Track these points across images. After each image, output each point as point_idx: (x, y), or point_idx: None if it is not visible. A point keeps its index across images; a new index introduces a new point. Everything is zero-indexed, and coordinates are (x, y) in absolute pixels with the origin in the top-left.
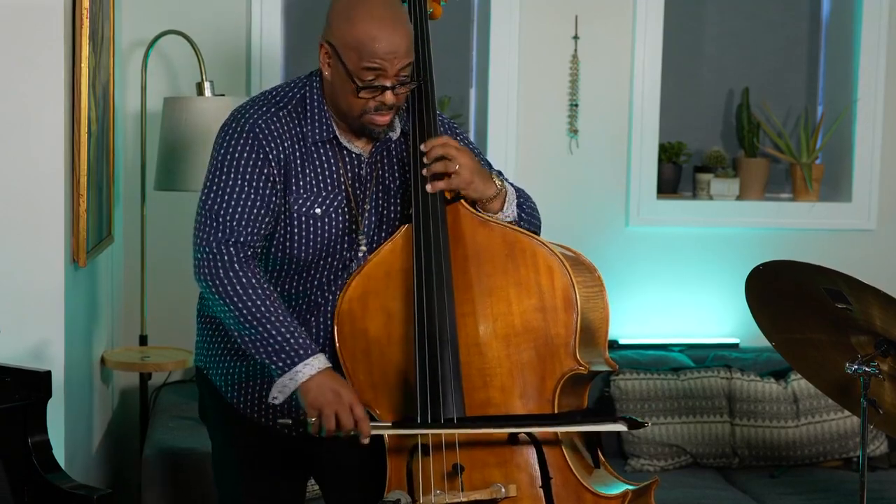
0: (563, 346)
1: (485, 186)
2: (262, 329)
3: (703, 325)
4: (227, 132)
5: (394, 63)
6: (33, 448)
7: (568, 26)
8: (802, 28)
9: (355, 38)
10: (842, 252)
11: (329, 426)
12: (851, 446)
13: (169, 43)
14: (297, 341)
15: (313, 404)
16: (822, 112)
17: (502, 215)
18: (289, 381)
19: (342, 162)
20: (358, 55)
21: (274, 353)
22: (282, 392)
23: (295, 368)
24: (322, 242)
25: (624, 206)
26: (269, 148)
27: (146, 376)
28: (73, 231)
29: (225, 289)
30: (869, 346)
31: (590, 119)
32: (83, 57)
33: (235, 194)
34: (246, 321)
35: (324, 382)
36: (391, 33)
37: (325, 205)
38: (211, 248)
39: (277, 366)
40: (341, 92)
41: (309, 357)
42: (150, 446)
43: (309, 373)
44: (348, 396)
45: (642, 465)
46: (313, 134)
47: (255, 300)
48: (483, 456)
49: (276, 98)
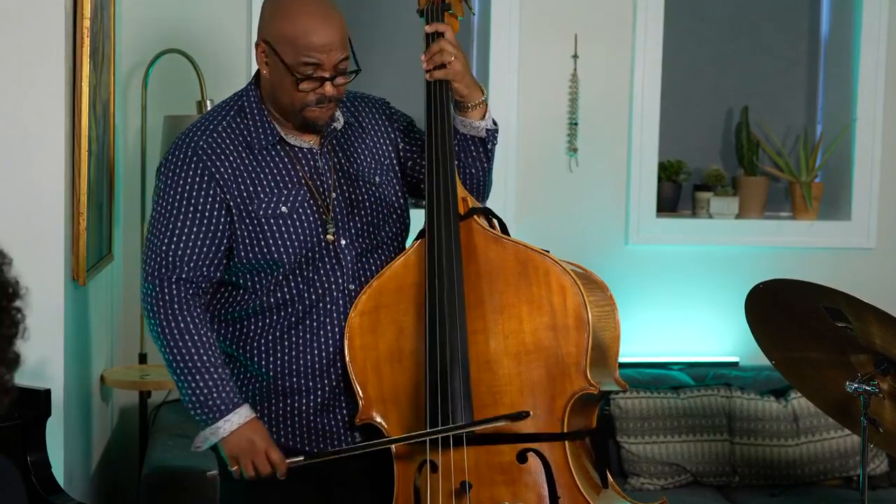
0: (574, 365)
1: (475, 86)
2: (191, 378)
3: (702, 344)
4: (169, 161)
5: (330, 55)
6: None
7: (568, 45)
8: (801, 47)
9: (290, 32)
10: (841, 270)
11: (248, 473)
12: (852, 465)
13: (169, 61)
14: (220, 396)
15: (231, 454)
16: (822, 131)
17: (483, 123)
18: (210, 434)
19: (296, 159)
20: (294, 49)
21: (199, 405)
22: (203, 443)
23: (216, 424)
24: (298, 239)
25: (623, 225)
26: (216, 167)
27: (145, 395)
28: (73, 249)
29: (162, 329)
30: (869, 364)
31: (589, 137)
32: (84, 75)
33: (181, 230)
34: (177, 367)
35: (241, 434)
36: (325, 26)
37: (290, 202)
38: (154, 285)
39: (201, 417)
40: (281, 87)
41: (230, 413)
42: (149, 465)
43: (229, 429)
44: (262, 444)
45: (642, 484)
46: (258, 140)
47: (189, 347)
48: (491, 474)
49: (213, 115)
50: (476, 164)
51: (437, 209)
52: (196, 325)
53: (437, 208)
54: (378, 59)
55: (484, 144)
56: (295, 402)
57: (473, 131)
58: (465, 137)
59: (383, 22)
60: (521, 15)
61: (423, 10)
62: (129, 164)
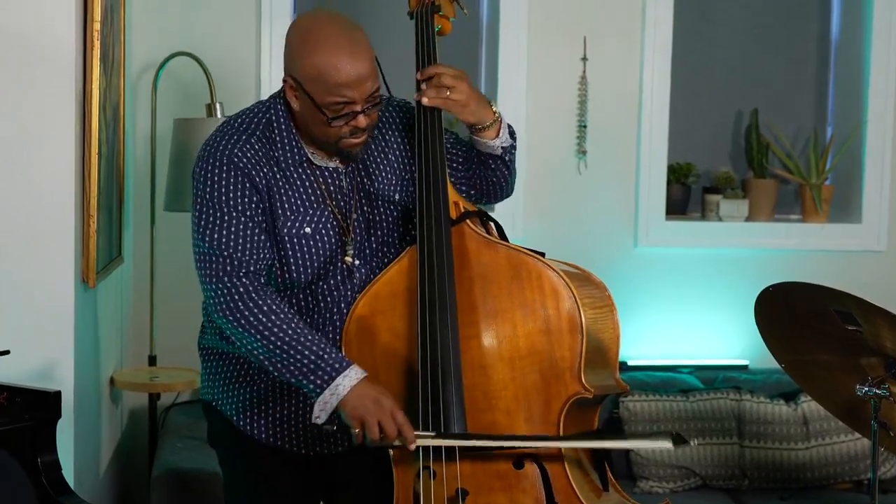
0: (568, 369)
1: (483, 112)
2: (294, 351)
3: (712, 347)
4: (206, 167)
5: (361, 90)
6: (43, 468)
7: (577, 48)
8: (811, 49)
9: (317, 70)
10: (852, 273)
11: (373, 435)
12: (862, 469)
13: (179, 64)
14: (330, 356)
15: (354, 415)
16: (832, 133)
17: (498, 141)
18: (330, 396)
19: (322, 178)
20: (324, 87)
21: (310, 373)
22: (324, 409)
23: (334, 383)
24: (319, 260)
25: (632, 228)
26: (252, 175)
27: (155, 397)
28: (83, 252)
29: (248, 321)
30: (879, 368)
31: (598, 140)
32: (94, 78)
33: (234, 226)
34: (276, 347)
35: (364, 392)
36: (353, 60)
37: (314, 223)
38: (224, 284)
39: (316, 384)
40: (312, 123)
41: (345, 369)
42: (158, 467)
43: (349, 384)
44: (389, 404)
45: (651, 487)
46: (286, 158)
47: (280, 325)
48: (488, 481)
49: (244, 125)
50: (496, 174)
51: (428, 215)
52: (279, 305)
53: (428, 214)
54: None
55: (502, 159)
56: (293, 406)
57: (489, 150)
58: (481, 153)
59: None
60: (530, 17)
61: (412, 12)
62: (139, 167)
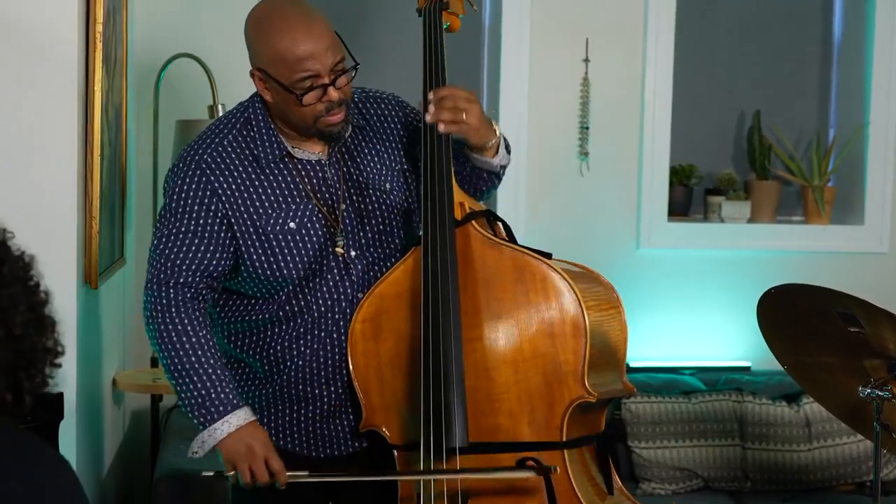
0: (572, 372)
1: (489, 134)
2: (188, 380)
3: (714, 349)
4: (174, 173)
5: (323, 61)
6: None
7: (579, 49)
8: (814, 51)
9: (277, 52)
10: (854, 275)
11: (245, 480)
12: (864, 470)
13: (181, 66)
14: (217, 396)
15: (228, 459)
16: (834, 135)
17: (496, 160)
18: (208, 436)
19: (304, 172)
20: (287, 67)
21: (196, 408)
22: (201, 447)
23: (213, 426)
24: (308, 254)
25: (635, 229)
26: (219, 182)
27: (157, 398)
28: (86, 253)
29: (160, 333)
30: (882, 369)
31: (600, 142)
32: (96, 80)
33: (181, 235)
34: (174, 369)
35: (239, 438)
36: (308, 34)
37: (298, 217)
38: (153, 291)
39: (199, 420)
40: (287, 107)
41: (228, 414)
42: (160, 468)
43: (227, 430)
44: (261, 450)
45: (653, 489)
46: (265, 154)
47: (186, 348)
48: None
49: (220, 127)
50: (486, 184)
51: (432, 217)
52: (194, 327)
53: (433, 216)
54: (378, 58)
55: (497, 174)
56: (302, 410)
57: (486, 166)
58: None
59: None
60: (532, 19)
61: (421, 9)
62: (142, 169)
